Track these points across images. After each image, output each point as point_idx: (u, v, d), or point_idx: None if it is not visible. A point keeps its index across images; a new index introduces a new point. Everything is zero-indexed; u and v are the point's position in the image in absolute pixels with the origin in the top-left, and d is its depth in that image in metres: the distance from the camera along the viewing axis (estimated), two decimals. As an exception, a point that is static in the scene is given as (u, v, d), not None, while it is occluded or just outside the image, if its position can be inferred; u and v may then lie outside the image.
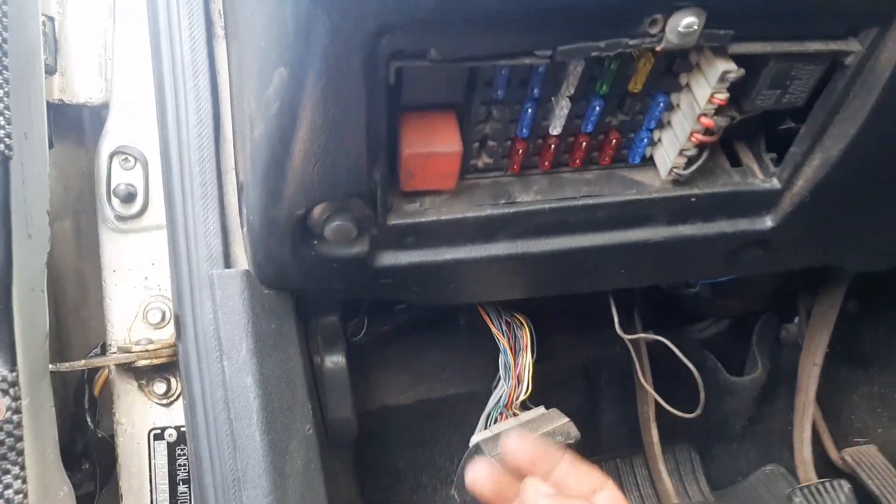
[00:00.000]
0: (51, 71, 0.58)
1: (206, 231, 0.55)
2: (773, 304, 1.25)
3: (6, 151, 0.44)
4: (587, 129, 0.55)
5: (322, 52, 0.39)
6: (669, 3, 0.43)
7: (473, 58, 0.44)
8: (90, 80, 0.61)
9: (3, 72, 0.45)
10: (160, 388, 0.61)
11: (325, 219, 0.51)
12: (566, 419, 0.84)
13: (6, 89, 0.45)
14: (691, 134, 0.54)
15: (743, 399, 1.22)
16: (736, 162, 0.63)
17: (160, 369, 0.61)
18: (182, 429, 0.62)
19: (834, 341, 1.16)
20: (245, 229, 0.55)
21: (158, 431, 0.61)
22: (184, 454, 0.62)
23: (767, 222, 0.63)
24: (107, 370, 0.61)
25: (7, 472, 0.43)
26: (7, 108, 0.45)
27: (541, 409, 0.85)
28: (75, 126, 0.65)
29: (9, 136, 0.45)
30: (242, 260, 0.57)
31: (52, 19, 0.59)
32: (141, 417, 0.62)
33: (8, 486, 0.43)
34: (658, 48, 0.46)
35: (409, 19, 0.39)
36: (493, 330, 0.83)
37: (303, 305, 0.69)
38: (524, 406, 0.85)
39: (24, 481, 0.44)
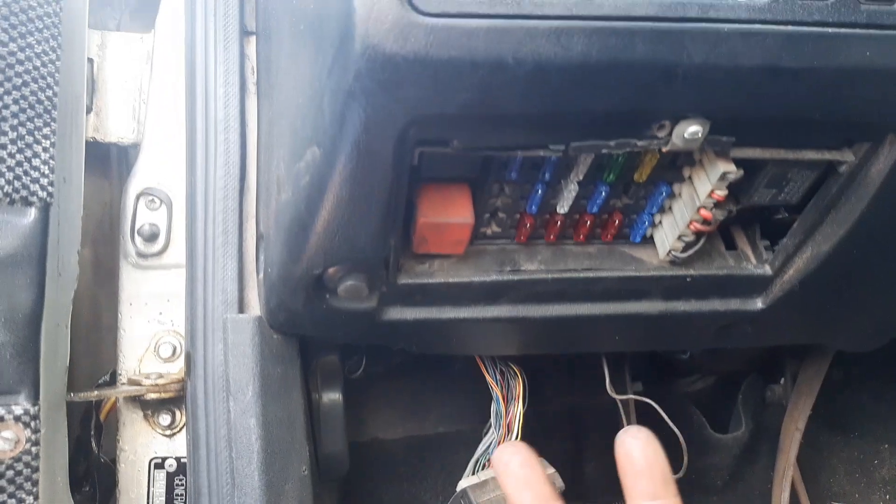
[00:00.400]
0: (87, 110, 0.61)
1: (224, 276, 0.57)
2: (760, 367, 1.27)
3: (48, 199, 0.47)
4: (592, 211, 0.58)
5: (354, 139, 0.42)
6: (677, 113, 0.46)
7: (492, 148, 0.47)
8: (123, 120, 0.64)
9: (52, 123, 0.48)
10: (165, 419, 0.63)
11: (340, 277, 0.54)
12: (552, 470, 0.86)
13: (53, 140, 0.48)
14: (690, 223, 0.57)
15: (725, 456, 1.24)
16: (731, 244, 0.66)
17: (166, 402, 0.63)
18: (182, 460, 0.64)
19: (818, 405, 1.18)
20: (261, 276, 0.58)
21: (159, 461, 0.64)
22: (182, 484, 0.64)
23: (758, 304, 0.66)
24: (115, 398, 0.63)
25: (22, 501, 0.46)
26: (52, 157, 0.47)
27: (527, 458, 0.87)
28: (101, 160, 0.68)
29: (52, 183, 0.48)
30: (255, 305, 0.60)
31: (91, 61, 0.62)
32: (144, 446, 0.64)
33: (22, 517, 0.46)
34: (664, 149, 0.49)
35: (436, 116, 0.42)
36: (488, 378, 0.85)
37: (306, 345, 0.72)
38: (511, 454, 0.87)
39: (37, 511, 0.46)
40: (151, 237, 0.62)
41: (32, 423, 0.47)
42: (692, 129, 0.47)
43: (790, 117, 0.48)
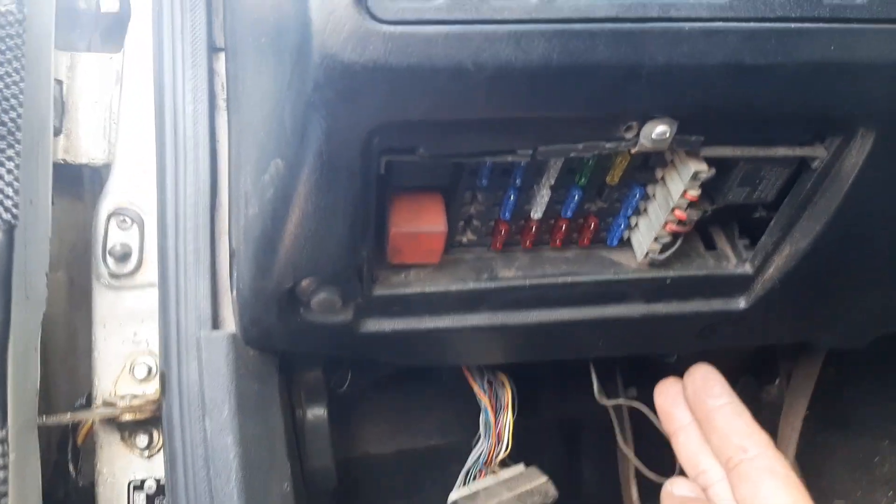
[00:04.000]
0: (56, 132, 0.61)
1: (197, 294, 0.57)
2: (753, 368, 1.27)
3: (12, 221, 0.47)
4: (566, 215, 0.57)
5: (317, 149, 0.41)
6: (643, 113, 0.46)
7: (459, 154, 0.46)
8: (94, 141, 0.63)
9: (15, 145, 0.47)
10: (142, 441, 0.63)
11: (312, 290, 0.53)
12: (545, 478, 0.85)
13: (17, 162, 0.47)
14: (666, 223, 0.57)
15: (721, 459, 1.23)
16: (711, 244, 0.66)
17: (143, 423, 0.62)
18: (161, 481, 0.63)
19: (815, 404, 1.17)
20: (234, 293, 0.57)
21: (138, 483, 0.63)
22: (162, 507, 0.63)
23: (741, 303, 0.66)
24: (91, 421, 0.62)
25: (-11, 531, 0.45)
26: (17, 179, 0.47)
27: (520, 468, 0.86)
28: (73, 182, 0.67)
29: (16, 205, 0.47)
30: (230, 321, 0.59)
31: (60, 83, 0.61)
32: (122, 469, 0.63)
33: (-12, 546, 0.45)
34: (633, 150, 0.49)
35: (399, 124, 0.41)
36: (476, 389, 0.85)
37: (287, 360, 0.71)
38: (503, 464, 0.86)
39: (5, 540, 0.45)
40: (123, 257, 0.61)
41: (0, 448, 0.47)
42: (660, 130, 0.47)
43: (758, 114, 0.48)
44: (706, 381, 0.57)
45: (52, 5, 0.59)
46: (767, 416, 1.28)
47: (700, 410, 0.56)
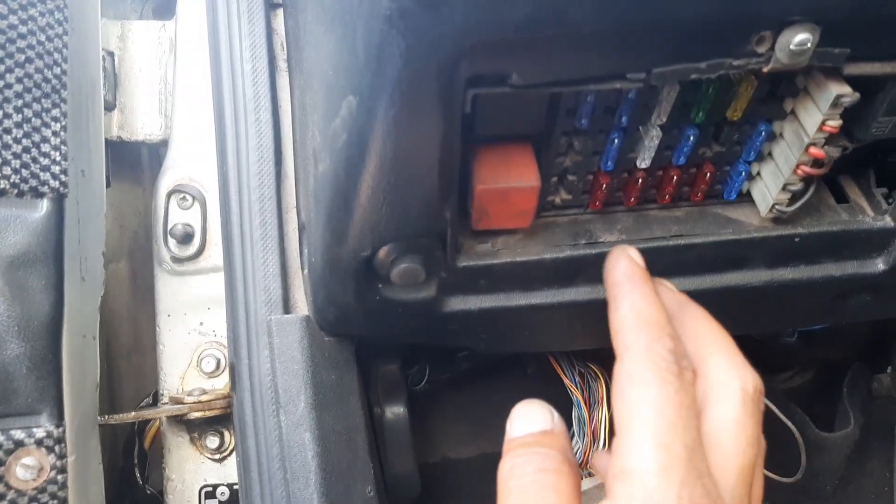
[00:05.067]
0: (109, 107, 0.57)
1: (266, 274, 0.51)
2: (864, 354, 1.15)
3: (61, 189, 0.42)
4: (679, 162, 0.49)
5: (395, 78, 0.35)
6: (781, 17, 0.38)
7: (559, 82, 0.40)
8: (150, 116, 0.59)
9: (62, 105, 0.43)
10: (213, 441, 0.57)
11: (392, 260, 0.47)
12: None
13: (63, 123, 0.43)
14: (797, 166, 0.48)
15: (834, 456, 1.12)
16: (841, 198, 0.57)
17: (213, 422, 0.57)
18: (235, 487, 0.58)
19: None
20: (306, 271, 0.52)
21: (210, 489, 0.57)
22: (236, 514, 0.58)
23: (879, 265, 0.57)
24: (158, 422, 0.58)
25: (47, 538, 0.40)
26: (64, 142, 0.43)
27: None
28: (133, 164, 0.64)
29: (65, 172, 0.43)
30: (302, 305, 0.54)
31: (111, 54, 0.57)
32: (192, 473, 0.58)
33: (46, 555, 0.40)
34: (765, 69, 0.41)
35: (492, 39, 0.35)
36: (566, 381, 0.77)
37: (362, 352, 0.65)
38: (599, 464, 0.78)
39: (65, 549, 0.41)
40: (185, 238, 0.56)
41: (57, 448, 0.42)
42: (799, 39, 0.39)
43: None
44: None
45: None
46: (881, 409, 1.16)
47: None
